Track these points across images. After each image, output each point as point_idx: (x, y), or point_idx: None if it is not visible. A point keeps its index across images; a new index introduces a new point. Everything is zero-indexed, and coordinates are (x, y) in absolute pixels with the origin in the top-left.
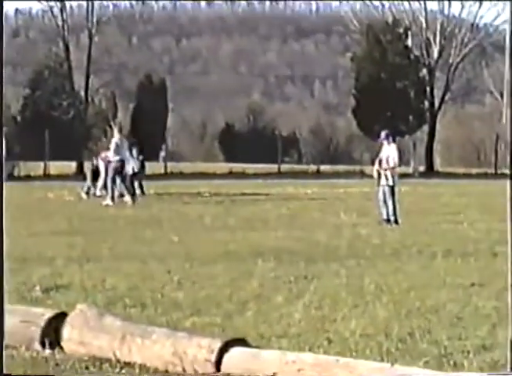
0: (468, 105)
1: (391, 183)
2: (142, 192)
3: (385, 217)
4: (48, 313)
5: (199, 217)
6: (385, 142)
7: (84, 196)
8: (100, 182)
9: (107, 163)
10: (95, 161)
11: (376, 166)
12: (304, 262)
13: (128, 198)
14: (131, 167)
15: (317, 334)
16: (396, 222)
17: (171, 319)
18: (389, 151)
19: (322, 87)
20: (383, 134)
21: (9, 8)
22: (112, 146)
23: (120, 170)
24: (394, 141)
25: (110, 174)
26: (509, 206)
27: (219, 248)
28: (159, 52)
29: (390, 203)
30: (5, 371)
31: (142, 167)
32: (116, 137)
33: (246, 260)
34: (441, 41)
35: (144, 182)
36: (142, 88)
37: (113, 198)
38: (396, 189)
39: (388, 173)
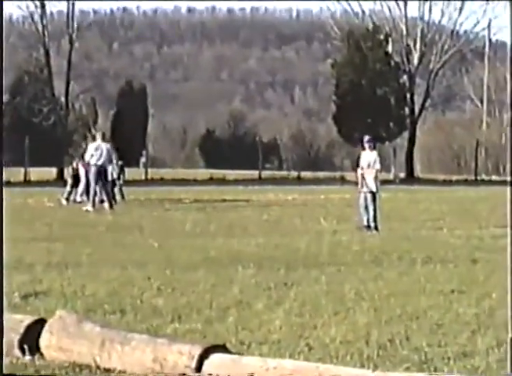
0: (448, 111)
1: (373, 189)
2: (123, 198)
3: (366, 223)
4: (28, 320)
5: (179, 223)
6: (367, 148)
7: (64, 202)
8: (80, 188)
9: (87, 168)
10: (75, 167)
11: (360, 170)
12: (285, 269)
13: (106, 205)
14: (110, 173)
15: (297, 341)
16: (376, 228)
17: (151, 326)
18: (370, 157)
19: (302, 93)
20: (367, 138)
21: None
22: (89, 151)
23: (100, 176)
24: (374, 148)
25: (92, 179)
26: (509, 211)
27: (199, 255)
28: (140, 58)
29: (371, 209)
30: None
31: (122, 172)
32: (96, 143)
33: (227, 267)
34: (422, 47)
35: (124, 188)
36: (123, 94)
37: (93, 204)
38: (377, 196)
39: (370, 179)
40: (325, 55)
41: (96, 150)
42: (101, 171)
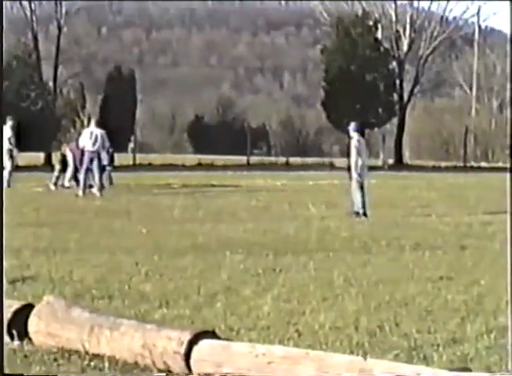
0: (437, 98)
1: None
2: (111, 183)
3: (356, 209)
4: (15, 305)
5: (167, 209)
6: (354, 135)
7: (52, 187)
8: (68, 173)
9: (80, 153)
10: (62, 152)
11: (354, 158)
12: (273, 255)
13: (95, 190)
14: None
15: (286, 327)
16: (365, 214)
17: (139, 312)
18: (358, 143)
19: (291, 79)
20: (355, 125)
21: None
22: (83, 136)
23: (92, 161)
24: (362, 134)
25: (84, 164)
26: (509, 199)
27: (188, 240)
28: (128, 43)
29: (359, 195)
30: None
31: (112, 159)
32: (90, 128)
33: (215, 252)
34: (411, 34)
35: (113, 174)
36: (111, 79)
37: (84, 189)
38: (365, 182)
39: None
40: (314, 41)
41: (90, 136)
42: (93, 157)
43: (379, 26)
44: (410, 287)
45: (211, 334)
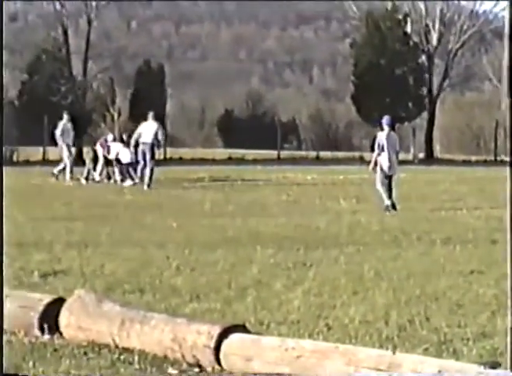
0: (467, 92)
1: (388, 171)
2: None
3: (386, 203)
4: (47, 299)
5: (198, 203)
6: (386, 128)
7: (83, 181)
8: (99, 168)
9: (105, 147)
10: (94, 146)
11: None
12: (304, 249)
13: (145, 181)
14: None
15: (316, 321)
16: (394, 207)
17: (170, 306)
18: (389, 137)
19: (321, 73)
20: (388, 118)
21: None
22: (139, 130)
23: (145, 155)
24: (393, 128)
25: (140, 158)
26: (508, 194)
27: (218, 234)
28: (158, 37)
29: (384, 188)
30: (4, 371)
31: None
32: (147, 122)
33: (246, 246)
34: (441, 27)
35: None
36: (141, 73)
37: (134, 181)
38: (395, 176)
39: (387, 160)
40: (343, 34)
41: (147, 129)
42: (146, 151)
43: (408, 20)
44: (441, 281)
45: (241, 328)
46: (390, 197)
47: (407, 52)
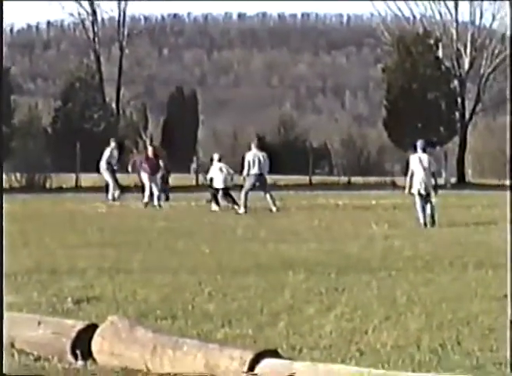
0: (499, 116)
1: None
2: (167, 199)
3: (422, 221)
4: (80, 325)
5: (230, 228)
6: (420, 151)
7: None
8: (147, 192)
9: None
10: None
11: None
12: (336, 274)
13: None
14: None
15: (348, 346)
16: (433, 222)
17: (202, 331)
18: (424, 159)
19: (353, 98)
20: (422, 142)
21: (41, 20)
22: (249, 158)
23: (254, 184)
24: (425, 151)
25: (247, 186)
26: (509, 217)
27: (250, 260)
28: (190, 64)
29: (427, 208)
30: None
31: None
32: (252, 151)
33: (278, 272)
34: (472, 52)
35: (175, 194)
36: (173, 100)
37: (246, 208)
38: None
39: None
40: (375, 60)
41: (253, 159)
42: (255, 180)
43: (440, 44)
44: (473, 306)
45: (274, 353)
46: (432, 216)
47: (439, 76)
